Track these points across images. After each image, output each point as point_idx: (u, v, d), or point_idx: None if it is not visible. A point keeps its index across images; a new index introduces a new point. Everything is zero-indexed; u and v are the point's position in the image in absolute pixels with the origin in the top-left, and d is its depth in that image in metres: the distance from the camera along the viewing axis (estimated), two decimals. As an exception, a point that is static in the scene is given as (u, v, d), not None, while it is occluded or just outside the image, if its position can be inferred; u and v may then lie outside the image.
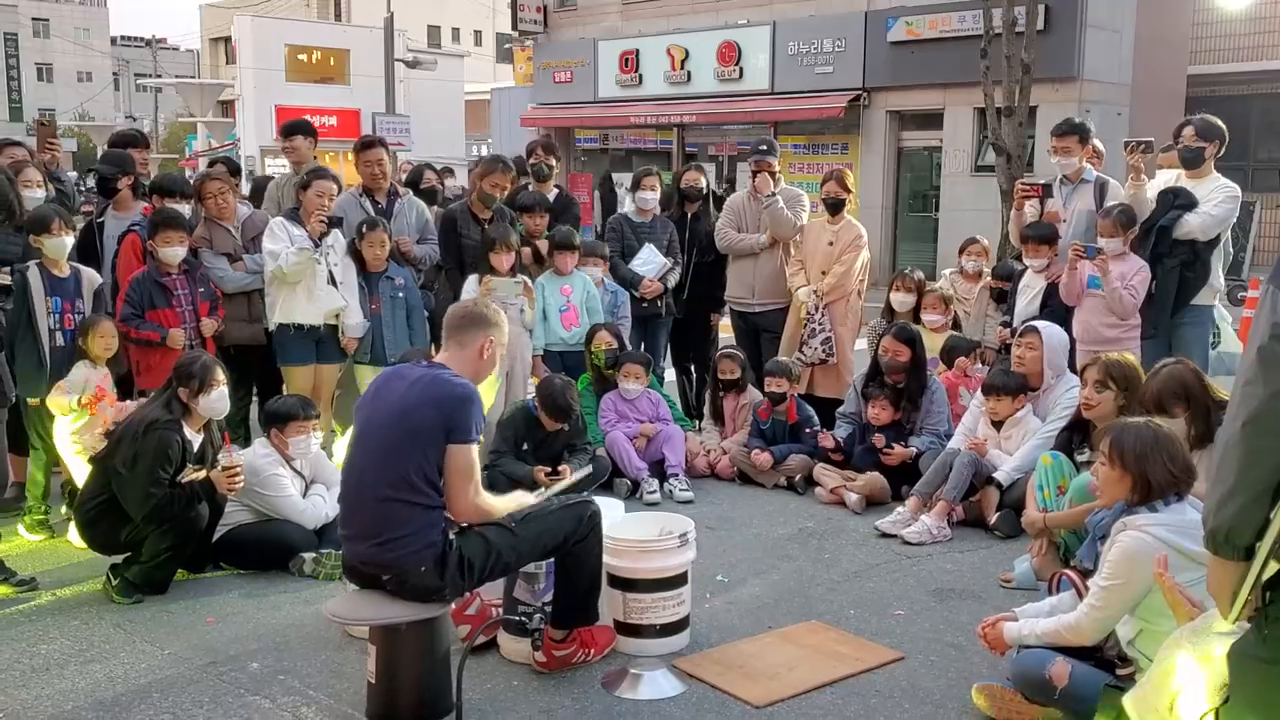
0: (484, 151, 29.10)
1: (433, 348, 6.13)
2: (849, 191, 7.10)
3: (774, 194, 7.08)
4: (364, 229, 6.28)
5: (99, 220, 6.55)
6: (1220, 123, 6.52)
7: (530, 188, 7.40)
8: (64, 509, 5.52)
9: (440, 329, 3.95)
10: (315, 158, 7.37)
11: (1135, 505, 3.45)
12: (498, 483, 5.83)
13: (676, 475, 6.27)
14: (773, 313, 7.23)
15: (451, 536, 3.52)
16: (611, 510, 4.77)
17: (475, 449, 3.53)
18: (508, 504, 3.71)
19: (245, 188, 9.83)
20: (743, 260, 7.25)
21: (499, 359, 3.79)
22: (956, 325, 7.30)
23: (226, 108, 39.21)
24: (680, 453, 6.39)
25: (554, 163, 7.53)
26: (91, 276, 5.81)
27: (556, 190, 7.47)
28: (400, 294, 6.35)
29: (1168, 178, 6.66)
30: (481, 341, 3.68)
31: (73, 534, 5.11)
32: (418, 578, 3.45)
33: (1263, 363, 1.84)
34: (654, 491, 6.15)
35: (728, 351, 7.02)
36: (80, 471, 5.27)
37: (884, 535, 5.51)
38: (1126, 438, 3.51)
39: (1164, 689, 2.66)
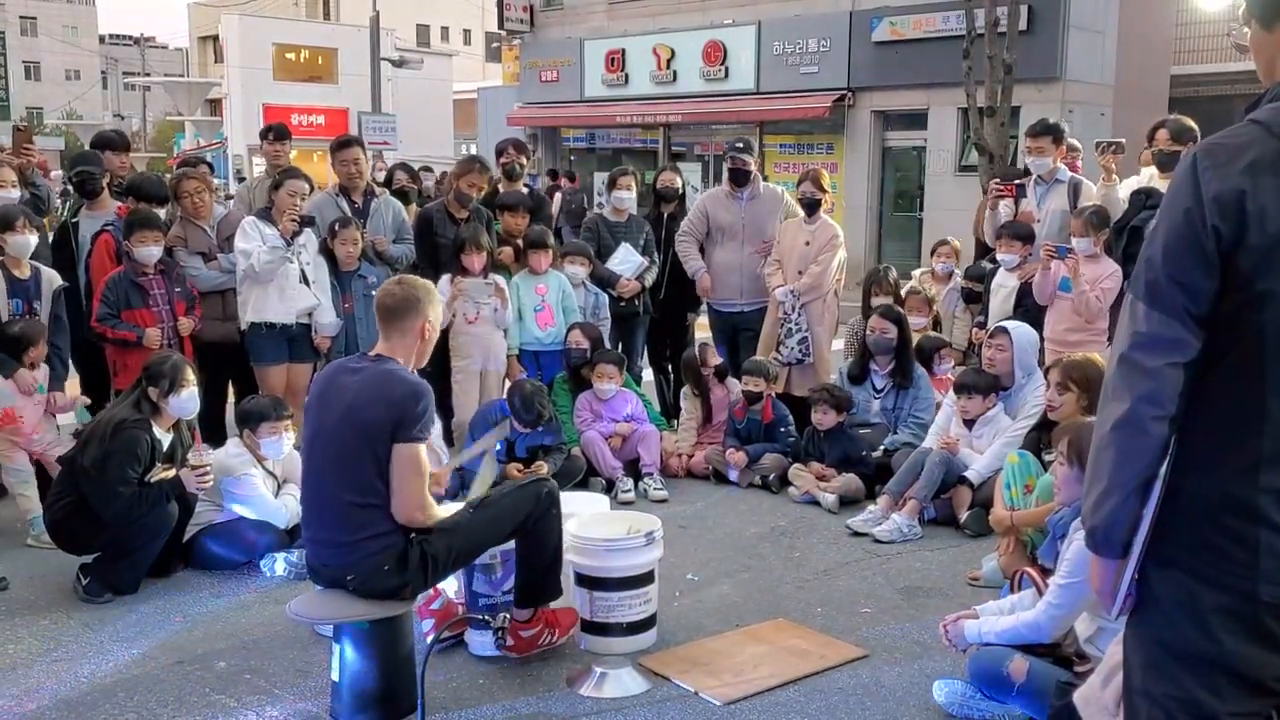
0: (472, 151, 29.08)
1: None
2: (825, 191, 7.12)
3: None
4: (336, 227, 6.29)
5: (73, 221, 6.55)
6: (1194, 124, 6.56)
7: (500, 187, 7.42)
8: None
9: None
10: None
11: (1093, 504, 3.48)
12: (469, 481, 5.86)
13: (651, 474, 6.29)
14: (756, 311, 7.24)
15: (412, 533, 3.53)
16: (596, 505, 4.82)
17: (423, 448, 3.51)
18: (448, 514, 3.69)
19: (233, 187, 9.84)
20: (727, 259, 7.24)
21: (438, 331, 3.79)
22: (936, 325, 7.37)
23: (214, 106, 39.17)
24: (655, 452, 6.40)
25: (525, 162, 7.55)
26: (51, 277, 5.79)
27: (527, 189, 7.49)
28: (373, 292, 6.32)
29: (1147, 174, 6.72)
30: (420, 324, 3.66)
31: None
32: (380, 577, 3.46)
33: (1125, 370, 1.94)
34: (629, 491, 6.17)
35: (706, 342, 7.13)
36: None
37: (855, 534, 5.53)
38: (1084, 437, 3.53)
39: (1111, 685, 2.69)
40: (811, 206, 7.06)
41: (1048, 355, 5.89)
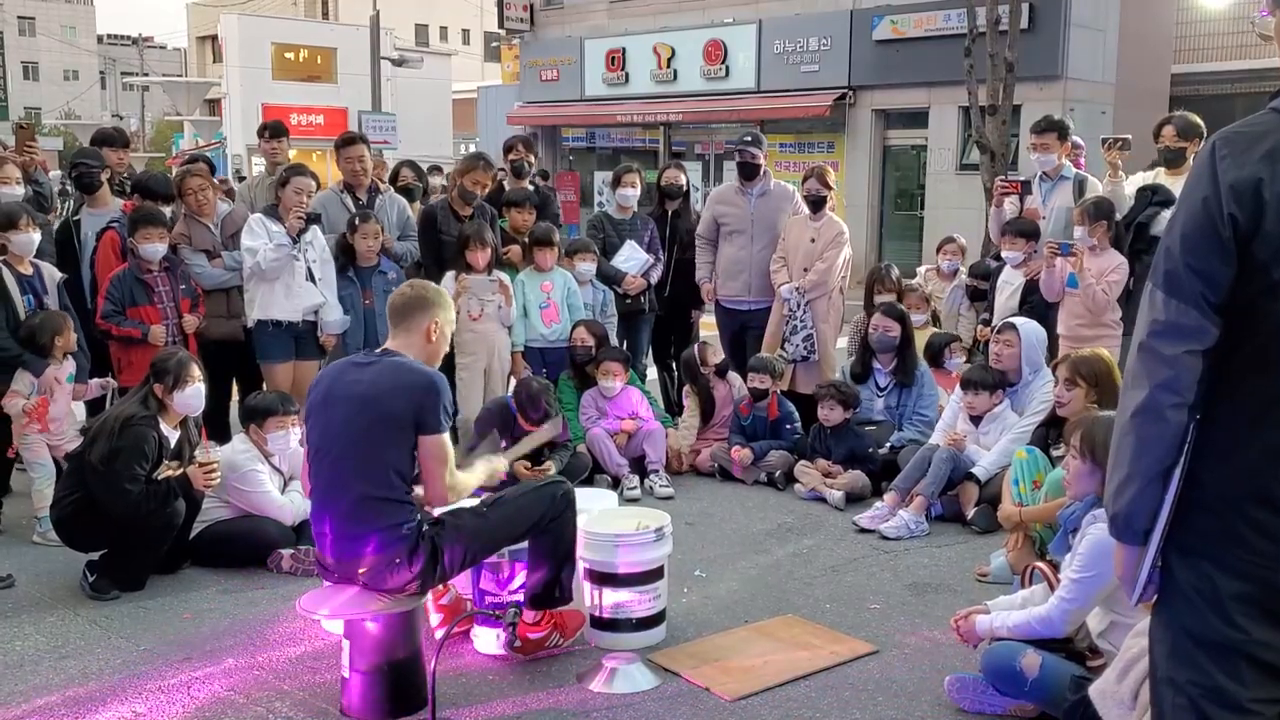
0: (472, 150, 29.05)
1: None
2: (830, 189, 7.10)
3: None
4: (357, 222, 6.29)
5: (75, 218, 6.54)
6: (1199, 120, 6.55)
7: (506, 184, 7.40)
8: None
9: None
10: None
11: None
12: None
13: (657, 471, 6.28)
14: (765, 309, 7.22)
15: (425, 528, 3.53)
16: (603, 500, 4.82)
17: (446, 436, 3.55)
18: (479, 475, 3.74)
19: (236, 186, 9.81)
20: (738, 254, 7.23)
21: (448, 337, 3.80)
22: (935, 322, 7.36)
23: (213, 106, 39.13)
24: (661, 449, 6.39)
25: (533, 159, 7.53)
26: (51, 272, 5.80)
27: (533, 187, 7.47)
28: (392, 288, 6.33)
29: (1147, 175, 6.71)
30: (427, 324, 3.67)
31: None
32: (390, 570, 3.46)
33: (1144, 358, 1.94)
34: (634, 488, 6.16)
35: (706, 340, 7.12)
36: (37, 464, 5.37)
37: (862, 530, 5.52)
38: (1097, 431, 3.53)
39: (1127, 678, 2.69)
40: (817, 204, 7.04)
41: (1061, 352, 5.87)
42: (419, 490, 3.61)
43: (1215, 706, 1.93)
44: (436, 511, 3.67)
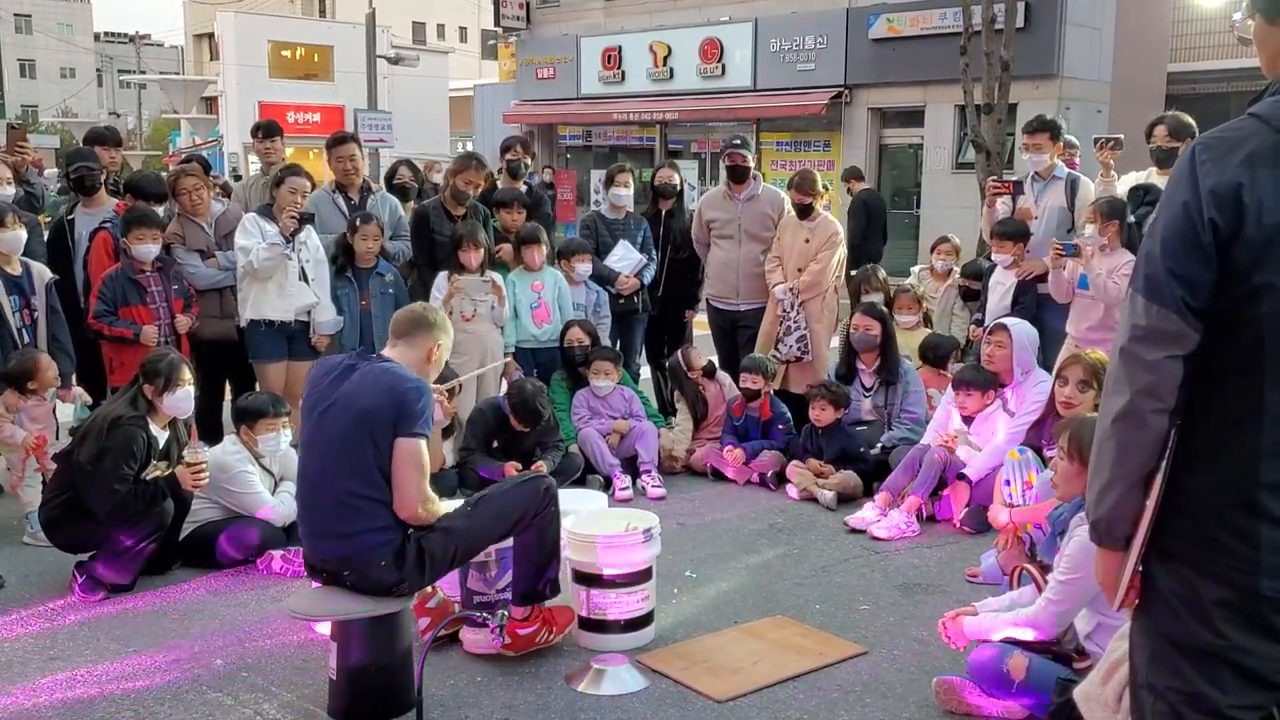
0: (468, 148, 29.01)
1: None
2: (811, 196, 7.01)
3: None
4: (357, 223, 6.28)
5: (69, 218, 6.53)
6: (1191, 120, 6.54)
7: (501, 184, 7.39)
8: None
9: None
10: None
11: (1093, 500, 3.46)
12: (469, 478, 5.86)
13: (649, 471, 6.27)
14: (754, 311, 7.22)
15: (410, 530, 3.52)
16: (594, 501, 4.81)
17: (424, 444, 3.53)
18: (449, 509, 3.71)
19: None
20: (726, 257, 7.23)
21: (441, 365, 3.85)
22: (927, 322, 7.36)
23: (210, 104, 39.11)
24: (653, 449, 6.38)
25: (530, 160, 7.52)
26: (41, 271, 5.77)
27: (526, 186, 7.46)
28: (390, 290, 6.36)
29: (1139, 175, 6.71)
30: (430, 345, 3.72)
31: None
32: (377, 572, 3.46)
33: (1125, 363, 1.93)
34: (626, 488, 6.16)
35: (690, 344, 7.17)
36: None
37: (853, 531, 5.52)
38: (1084, 433, 3.52)
39: (1111, 681, 2.69)
40: (803, 212, 7.01)
41: (1070, 353, 5.84)
42: None
43: (1195, 712, 1.93)
44: None
